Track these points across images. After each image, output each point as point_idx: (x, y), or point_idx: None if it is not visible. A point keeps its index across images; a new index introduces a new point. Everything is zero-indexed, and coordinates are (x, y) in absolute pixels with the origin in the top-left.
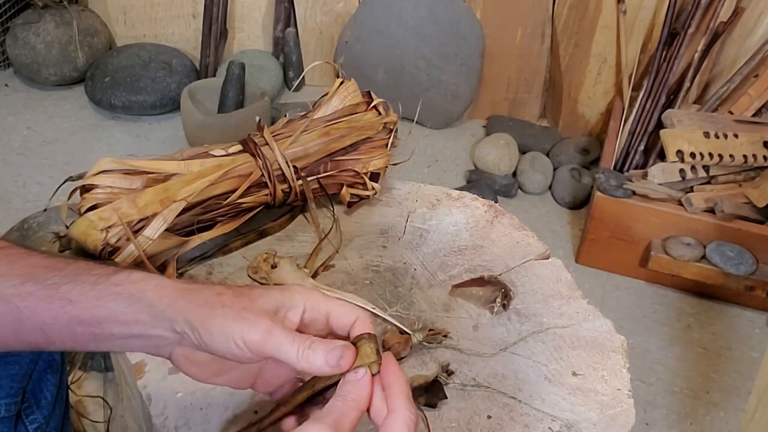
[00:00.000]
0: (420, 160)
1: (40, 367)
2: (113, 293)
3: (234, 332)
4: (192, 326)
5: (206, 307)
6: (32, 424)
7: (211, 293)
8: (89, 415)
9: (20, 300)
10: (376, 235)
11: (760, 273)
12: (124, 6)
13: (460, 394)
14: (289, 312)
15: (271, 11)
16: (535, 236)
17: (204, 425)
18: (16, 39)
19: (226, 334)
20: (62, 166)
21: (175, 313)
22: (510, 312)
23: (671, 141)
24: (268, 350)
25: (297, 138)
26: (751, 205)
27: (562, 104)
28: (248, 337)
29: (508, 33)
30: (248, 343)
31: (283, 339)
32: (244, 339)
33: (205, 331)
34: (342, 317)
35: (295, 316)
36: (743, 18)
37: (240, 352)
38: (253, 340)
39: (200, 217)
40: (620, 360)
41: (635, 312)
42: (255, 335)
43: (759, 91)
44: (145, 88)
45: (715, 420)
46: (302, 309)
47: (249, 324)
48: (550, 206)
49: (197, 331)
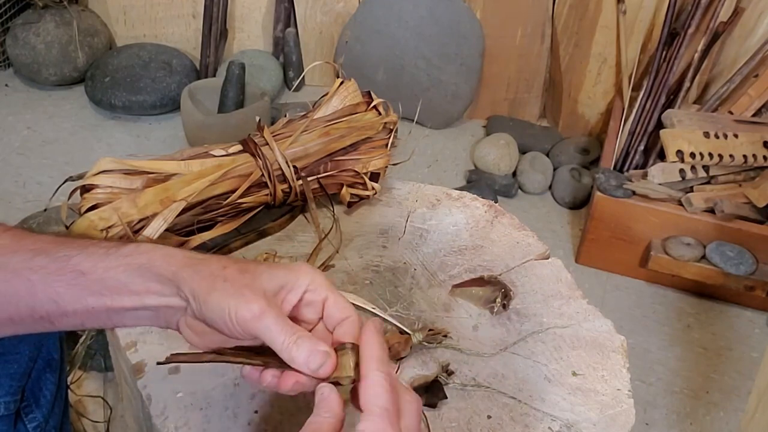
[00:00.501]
0: (420, 160)
1: (39, 365)
2: (123, 264)
3: (230, 307)
4: (194, 296)
5: (209, 279)
6: (31, 422)
7: (216, 266)
8: (89, 415)
9: (32, 273)
10: (376, 235)
11: (760, 273)
12: (124, 6)
13: (460, 394)
14: (290, 293)
15: (271, 11)
16: (535, 236)
17: (204, 425)
18: (16, 39)
19: (222, 308)
20: (62, 166)
21: (181, 282)
22: (510, 312)
23: (671, 141)
24: (257, 331)
25: (297, 138)
26: (751, 205)
27: (562, 104)
28: (240, 315)
29: (508, 33)
30: (239, 320)
31: (272, 324)
32: (236, 315)
33: (204, 303)
34: (335, 310)
35: (296, 297)
36: (743, 18)
37: (232, 327)
38: (244, 318)
39: (200, 217)
40: (620, 360)
41: (635, 312)
42: (247, 314)
43: (759, 91)
44: (145, 88)
45: (715, 420)
46: (304, 290)
47: (244, 301)
48: (550, 206)
49: (198, 301)
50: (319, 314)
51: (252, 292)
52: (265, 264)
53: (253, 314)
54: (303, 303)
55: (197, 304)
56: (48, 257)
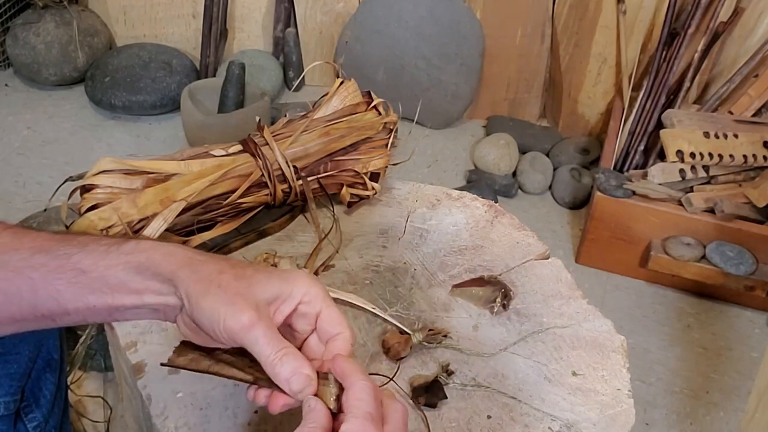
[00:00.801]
0: (420, 160)
1: (39, 365)
2: (123, 262)
3: (220, 314)
4: (188, 297)
5: (205, 282)
6: (31, 422)
7: (213, 269)
8: (89, 415)
9: (32, 271)
10: (376, 235)
11: (760, 273)
12: (124, 6)
13: (460, 394)
14: (284, 303)
15: (271, 11)
16: (535, 236)
17: (204, 425)
18: (16, 39)
19: (213, 314)
20: (62, 166)
21: (178, 282)
22: (510, 312)
23: (671, 141)
24: (244, 342)
25: (297, 138)
26: (751, 205)
27: (562, 104)
28: (229, 324)
29: (508, 33)
30: (227, 329)
31: (260, 337)
32: (225, 324)
33: (196, 306)
34: (328, 324)
35: (289, 308)
36: (743, 18)
37: (220, 335)
38: (232, 328)
39: (200, 217)
40: (620, 360)
41: (635, 312)
42: (235, 324)
43: (759, 91)
44: (145, 88)
45: (715, 420)
46: (298, 301)
47: (235, 311)
48: (550, 206)
49: (191, 303)
50: (312, 326)
51: (244, 302)
52: (264, 271)
53: (242, 325)
54: (296, 314)
55: (190, 305)
56: (48, 255)
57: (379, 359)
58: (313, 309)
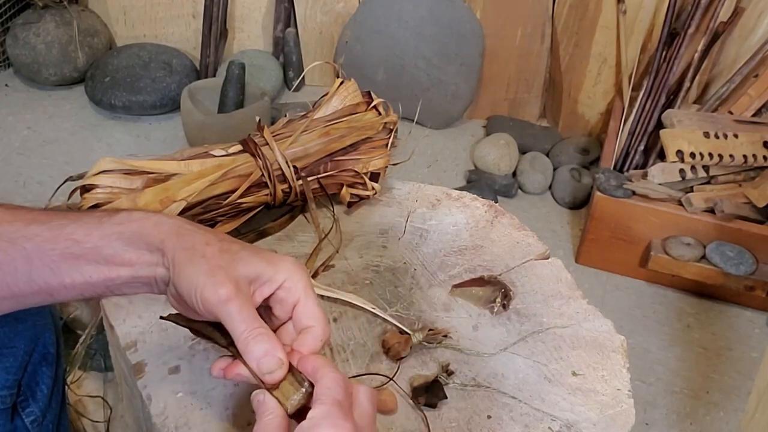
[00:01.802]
0: (420, 160)
1: (35, 359)
2: (116, 232)
3: (198, 284)
4: (173, 264)
5: (189, 251)
6: (29, 416)
7: (200, 240)
8: (89, 415)
9: (26, 241)
10: (376, 235)
11: (760, 273)
12: (124, 6)
13: (460, 394)
14: (264, 285)
15: (271, 11)
16: (535, 236)
17: (204, 425)
18: (16, 39)
19: (192, 283)
20: (62, 166)
21: (166, 250)
22: (510, 312)
23: (671, 141)
24: (219, 315)
25: (297, 138)
26: (751, 205)
27: (562, 104)
28: (206, 295)
29: (508, 33)
30: (203, 300)
31: (235, 313)
32: (202, 295)
33: (178, 275)
34: (303, 316)
35: (269, 290)
36: (743, 18)
37: (197, 305)
38: (208, 299)
39: (200, 217)
40: (620, 360)
41: (635, 312)
42: (212, 296)
43: (759, 91)
44: (145, 88)
45: (715, 420)
46: (278, 285)
47: (214, 282)
48: (550, 206)
49: (174, 271)
50: (288, 314)
51: (225, 275)
52: (251, 249)
53: (219, 298)
54: (274, 299)
55: (174, 273)
56: (42, 225)
57: (379, 359)
58: (291, 297)
